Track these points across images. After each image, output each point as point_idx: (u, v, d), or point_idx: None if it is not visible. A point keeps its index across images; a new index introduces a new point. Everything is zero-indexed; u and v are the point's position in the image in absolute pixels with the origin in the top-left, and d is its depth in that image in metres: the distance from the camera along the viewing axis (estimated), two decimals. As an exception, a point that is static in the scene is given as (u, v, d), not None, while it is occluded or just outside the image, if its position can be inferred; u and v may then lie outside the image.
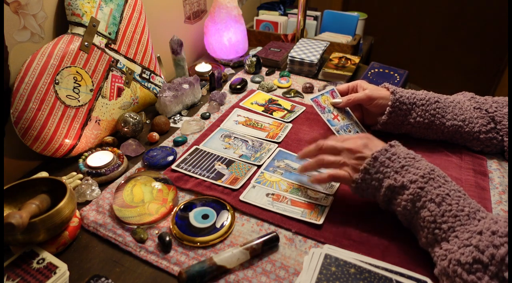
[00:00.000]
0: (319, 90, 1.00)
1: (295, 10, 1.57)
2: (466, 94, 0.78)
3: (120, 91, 0.82)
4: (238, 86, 1.01)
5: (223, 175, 0.69)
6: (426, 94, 0.73)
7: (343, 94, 0.79)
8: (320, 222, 0.59)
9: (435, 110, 0.71)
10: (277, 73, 1.13)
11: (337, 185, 0.67)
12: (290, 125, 0.86)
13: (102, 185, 0.68)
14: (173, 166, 0.71)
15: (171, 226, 0.59)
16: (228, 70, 1.14)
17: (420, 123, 0.72)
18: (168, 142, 0.81)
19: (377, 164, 0.55)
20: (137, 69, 0.86)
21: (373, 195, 0.57)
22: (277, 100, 0.95)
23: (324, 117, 0.74)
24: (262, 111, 0.91)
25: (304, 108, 0.92)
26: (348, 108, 0.78)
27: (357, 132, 0.75)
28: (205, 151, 0.76)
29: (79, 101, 0.73)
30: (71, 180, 0.68)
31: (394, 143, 0.58)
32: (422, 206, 0.51)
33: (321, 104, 0.76)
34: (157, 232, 0.59)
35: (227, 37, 1.13)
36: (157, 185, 0.64)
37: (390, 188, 0.54)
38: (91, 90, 0.75)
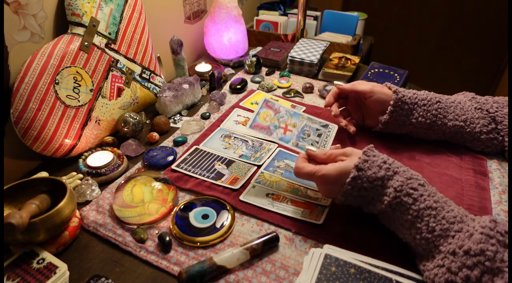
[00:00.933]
0: (319, 91, 1.00)
1: (295, 10, 1.57)
2: (467, 94, 0.77)
3: (120, 91, 0.82)
4: (238, 86, 1.01)
5: (223, 175, 0.69)
6: (427, 94, 0.73)
7: (344, 94, 0.79)
8: (320, 222, 0.59)
9: (436, 111, 0.71)
10: (277, 73, 1.13)
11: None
12: (290, 125, 0.85)
13: (102, 185, 0.68)
14: (173, 166, 0.71)
15: (171, 226, 0.59)
16: (228, 70, 1.13)
17: (422, 124, 0.72)
18: (168, 142, 0.81)
19: (350, 198, 0.55)
20: (137, 69, 0.86)
21: None
22: (277, 100, 0.95)
23: (276, 139, 0.63)
24: (262, 111, 0.91)
25: (304, 108, 0.92)
26: (295, 109, 0.69)
27: (317, 129, 0.67)
28: (205, 151, 0.76)
29: (79, 101, 0.73)
30: (71, 180, 0.68)
31: (354, 173, 0.52)
32: (396, 229, 0.53)
33: (263, 125, 0.64)
34: (157, 232, 0.59)
35: (227, 37, 1.13)
36: (157, 185, 0.64)
37: (371, 213, 0.56)
38: (91, 90, 0.75)
